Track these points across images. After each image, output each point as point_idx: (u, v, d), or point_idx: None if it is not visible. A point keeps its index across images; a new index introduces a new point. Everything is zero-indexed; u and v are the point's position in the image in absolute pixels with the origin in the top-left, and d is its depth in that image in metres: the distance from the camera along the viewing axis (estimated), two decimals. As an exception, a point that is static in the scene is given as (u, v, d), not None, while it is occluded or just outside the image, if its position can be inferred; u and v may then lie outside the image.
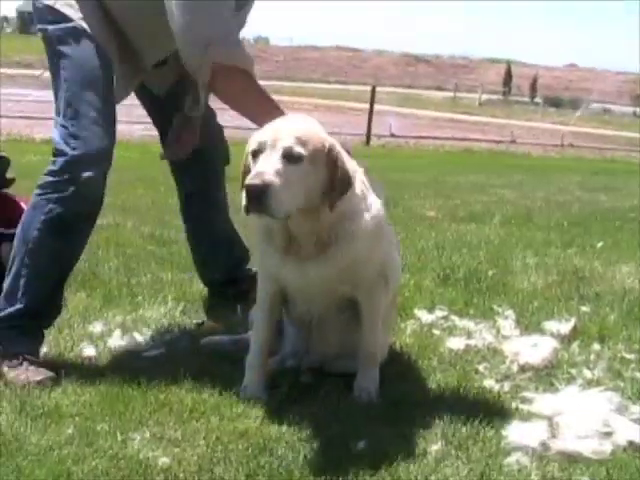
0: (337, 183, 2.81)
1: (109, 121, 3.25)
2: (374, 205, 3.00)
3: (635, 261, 5.80)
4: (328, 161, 2.81)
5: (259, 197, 2.64)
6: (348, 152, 3.02)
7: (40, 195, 3.21)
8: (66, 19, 3.22)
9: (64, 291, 3.44)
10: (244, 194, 2.68)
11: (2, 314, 3.24)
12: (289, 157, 2.72)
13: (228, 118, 4.44)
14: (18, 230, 3.29)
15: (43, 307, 3.29)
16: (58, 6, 3.23)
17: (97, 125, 3.19)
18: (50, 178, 3.19)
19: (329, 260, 2.92)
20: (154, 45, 3.43)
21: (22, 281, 3.22)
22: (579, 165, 17.76)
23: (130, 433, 2.72)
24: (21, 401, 2.92)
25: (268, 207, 2.66)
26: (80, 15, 3.22)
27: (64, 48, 3.23)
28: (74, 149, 3.15)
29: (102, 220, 5.69)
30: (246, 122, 3.18)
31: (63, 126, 3.19)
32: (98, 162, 3.20)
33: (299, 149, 2.74)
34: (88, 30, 3.22)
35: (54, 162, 3.20)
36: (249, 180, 2.67)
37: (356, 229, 2.92)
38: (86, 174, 3.15)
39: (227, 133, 4.09)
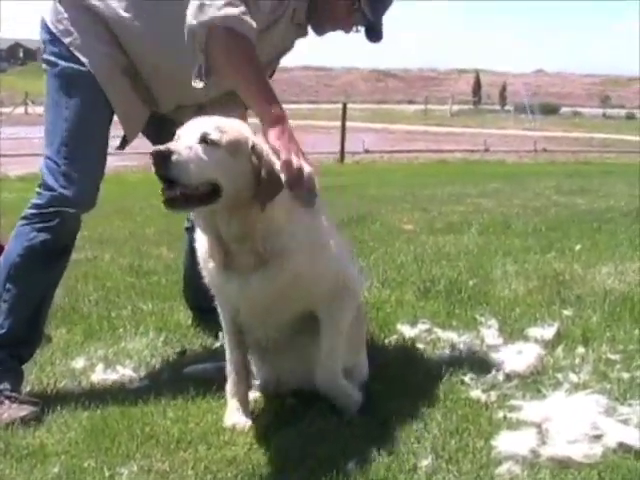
0: (263, 181, 2.76)
1: (101, 168, 3.34)
2: (313, 218, 2.96)
3: (614, 262, 5.82)
4: (252, 158, 2.78)
5: (163, 160, 2.61)
6: None
7: (24, 225, 3.27)
8: (79, 62, 3.26)
9: (45, 322, 3.43)
10: (151, 161, 2.65)
11: None
12: (205, 141, 2.72)
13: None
14: (1, 258, 3.34)
15: (25, 333, 3.29)
16: (72, 48, 3.26)
17: (90, 170, 3.28)
18: (35, 210, 3.26)
19: (269, 275, 2.86)
20: (172, 94, 3.44)
21: (4, 306, 3.25)
22: (553, 169, 17.89)
23: (117, 468, 2.69)
24: (5, 442, 2.89)
25: (171, 169, 2.62)
26: (92, 64, 3.25)
27: (71, 88, 3.27)
28: (64, 188, 3.21)
29: (80, 254, 5.71)
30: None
31: (55, 162, 3.24)
32: (84, 204, 3.30)
33: (216, 135, 2.73)
34: (97, 79, 3.26)
35: (40, 195, 3.26)
36: (154, 147, 2.66)
37: (293, 243, 2.86)
38: (72, 210, 3.25)
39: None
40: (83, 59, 3.25)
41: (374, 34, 3.48)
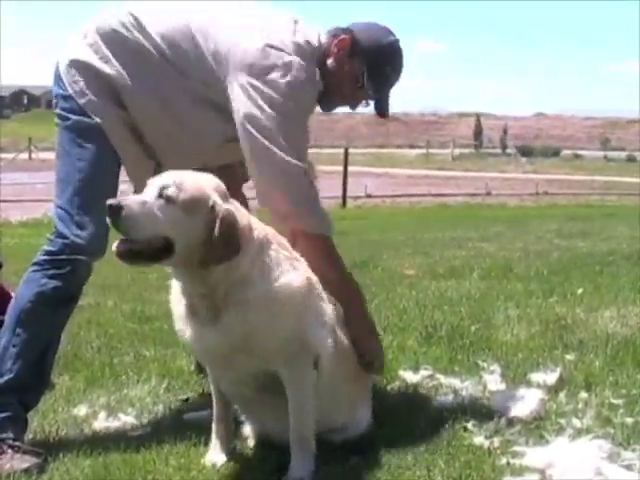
0: (216, 243, 2.76)
1: None
2: (282, 276, 2.92)
3: (616, 305, 5.82)
4: (208, 219, 2.78)
5: (115, 214, 2.70)
6: None
7: (36, 271, 3.32)
8: (90, 116, 3.34)
9: (51, 368, 3.44)
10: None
11: None
12: (161, 196, 2.76)
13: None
14: (11, 303, 3.38)
15: (32, 378, 3.30)
16: (83, 103, 3.34)
17: (101, 219, 3.23)
18: (48, 257, 3.31)
19: (222, 327, 2.86)
20: (172, 157, 3.49)
21: (13, 350, 3.27)
22: (555, 212, 17.90)
23: (120, 516, 2.68)
24: (6, 492, 2.88)
25: (120, 224, 2.71)
26: (104, 123, 3.33)
27: (84, 141, 3.34)
28: (77, 236, 3.28)
29: (83, 300, 5.67)
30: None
31: (67, 211, 3.31)
32: (96, 252, 3.34)
33: (173, 191, 2.76)
34: (107, 133, 3.34)
35: (52, 242, 3.32)
36: (108, 200, 2.73)
37: (249, 298, 2.86)
38: (83, 258, 3.30)
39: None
40: (96, 119, 3.33)
41: (380, 108, 3.55)
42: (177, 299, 3.00)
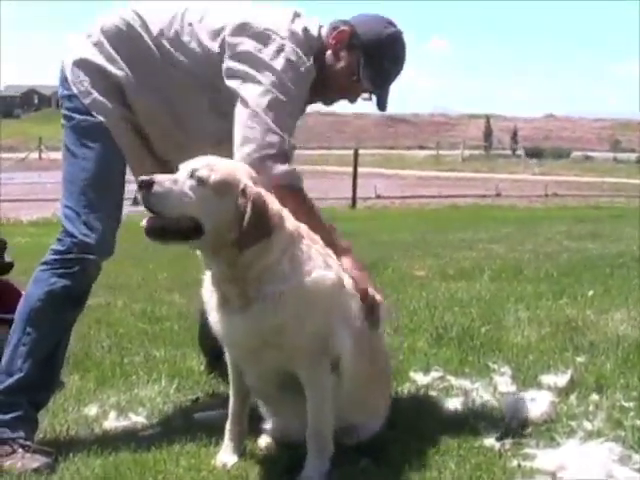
0: (247, 225, 2.77)
1: (118, 216, 3.43)
2: (314, 271, 2.93)
3: (627, 307, 5.82)
4: (239, 202, 2.79)
5: (146, 189, 2.72)
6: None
7: (45, 270, 3.33)
8: (94, 115, 3.35)
9: (61, 367, 3.44)
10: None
11: (1, 387, 3.26)
12: (192, 177, 2.78)
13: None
14: (20, 302, 3.38)
15: (42, 377, 3.31)
16: (87, 103, 3.35)
17: (109, 218, 3.37)
18: (57, 256, 3.32)
19: (252, 316, 2.86)
20: (175, 156, 3.50)
21: (23, 349, 3.28)
22: (564, 214, 17.86)
23: (130, 517, 2.68)
24: (17, 492, 2.88)
25: (151, 200, 2.73)
26: (108, 122, 3.34)
27: (89, 140, 3.35)
28: (85, 235, 3.29)
29: (92, 300, 5.67)
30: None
31: (75, 211, 3.32)
32: (105, 250, 3.37)
33: (204, 172, 2.78)
34: (112, 132, 3.35)
35: (61, 242, 3.33)
36: (141, 176, 2.76)
37: (283, 291, 2.86)
38: (92, 257, 3.31)
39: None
40: (101, 118, 3.34)
41: (379, 102, 3.55)
42: (209, 290, 3.00)
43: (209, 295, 3.01)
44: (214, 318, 3.00)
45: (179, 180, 2.77)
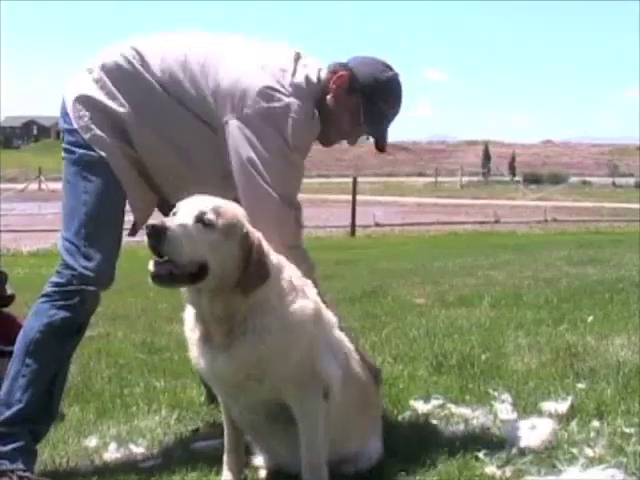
0: (251, 268, 2.83)
1: (118, 247, 3.45)
2: (296, 301, 2.96)
3: (627, 332, 5.81)
4: (243, 243, 2.85)
5: (158, 236, 2.71)
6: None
7: (44, 302, 3.34)
8: (95, 150, 3.37)
9: (60, 398, 3.44)
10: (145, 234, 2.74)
11: (0, 418, 3.26)
12: (200, 221, 2.80)
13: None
14: (20, 334, 3.39)
15: (42, 408, 3.31)
16: (88, 138, 3.37)
17: (108, 250, 3.39)
18: (56, 288, 3.34)
19: (236, 353, 2.88)
20: (175, 190, 3.53)
21: (22, 381, 3.29)
22: (564, 239, 17.85)
23: None
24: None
25: (163, 246, 2.72)
26: (108, 157, 3.37)
27: (89, 174, 3.37)
28: (84, 268, 3.31)
29: (93, 331, 5.72)
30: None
31: (74, 244, 3.34)
32: (104, 282, 3.38)
33: (212, 216, 2.81)
34: (112, 167, 3.37)
35: (60, 274, 3.35)
36: (150, 221, 2.78)
37: (267, 323, 2.89)
38: (91, 288, 3.32)
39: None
40: (102, 153, 3.36)
41: (378, 142, 3.63)
42: (191, 327, 3.02)
43: (191, 332, 3.03)
44: (196, 355, 3.02)
45: (188, 225, 2.77)
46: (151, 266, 2.77)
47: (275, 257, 2.99)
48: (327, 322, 3.13)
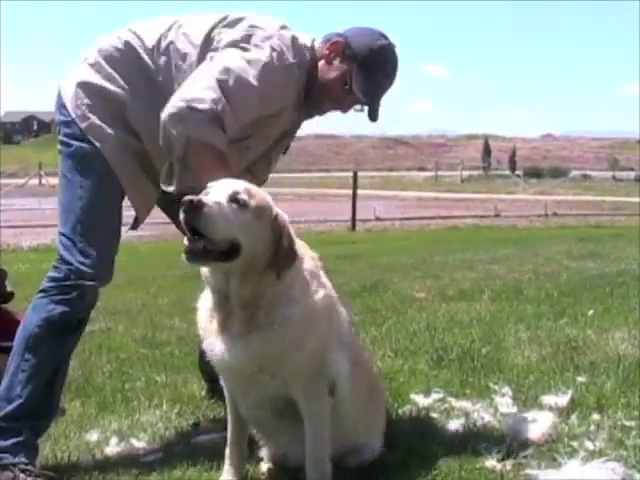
0: (282, 250, 2.84)
1: (116, 242, 3.43)
2: (318, 294, 2.98)
3: (627, 326, 5.82)
4: (274, 226, 2.86)
5: (195, 212, 2.70)
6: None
7: (42, 297, 3.34)
8: (91, 142, 3.36)
9: (60, 393, 3.45)
10: (180, 211, 2.72)
11: (1, 414, 3.26)
12: (234, 200, 2.79)
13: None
14: (19, 329, 3.39)
15: (42, 403, 3.31)
16: (87, 132, 3.36)
17: (105, 245, 3.38)
18: (54, 283, 3.33)
19: (255, 342, 2.87)
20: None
21: (22, 376, 3.29)
22: (564, 233, 17.84)
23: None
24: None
25: (200, 221, 2.70)
26: (104, 147, 3.35)
27: (85, 168, 3.36)
28: (81, 263, 3.30)
29: (94, 325, 5.72)
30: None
31: (71, 239, 3.33)
32: (102, 277, 3.37)
33: (245, 196, 2.81)
34: (108, 159, 3.36)
35: (58, 269, 3.34)
36: (186, 196, 2.71)
37: (291, 316, 2.89)
38: (89, 283, 3.31)
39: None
40: (96, 144, 3.35)
41: (370, 113, 3.58)
42: (207, 317, 3.00)
43: (207, 321, 3.01)
44: (211, 344, 2.99)
45: (222, 203, 2.77)
46: (186, 241, 2.76)
47: (298, 242, 2.99)
48: (340, 314, 3.14)
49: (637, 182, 60.51)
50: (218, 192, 2.81)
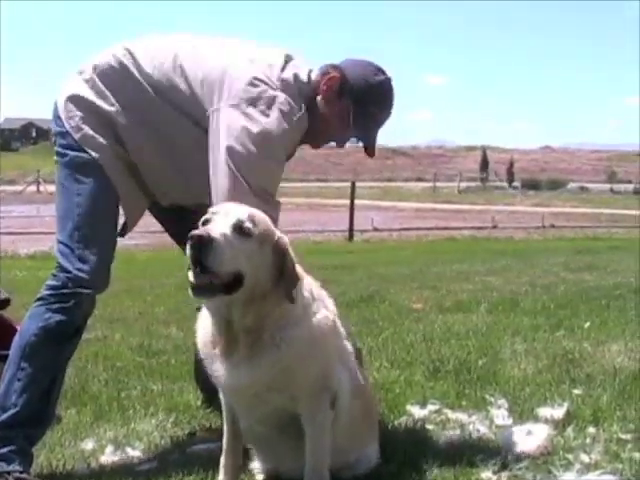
0: (287, 272, 2.81)
1: (112, 249, 3.44)
2: (320, 314, 2.96)
3: (624, 339, 5.82)
4: (276, 249, 2.83)
5: (204, 247, 2.63)
6: None
7: (40, 306, 3.34)
8: (87, 152, 3.37)
9: (56, 402, 3.43)
10: (188, 246, 2.66)
11: None
12: (239, 230, 2.75)
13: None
14: (15, 337, 3.38)
15: (37, 412, 3.30)
16: (82, 143, 3.37)
17: (102, 252, 3.38)
18: (51, 291, 3.33)
19: (261, 363, 2.85)
20: (166, 193, 3.57)
21: (17, 384, 3.28)
22: (562, 245, 17.87)
23: None
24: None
25: (208, 256, 2.64)
26: (99, 157, 3.36)
27: (82, 176, 3.37)
28: (79, 270, 3.30)
29: (90, 333, 5.72)
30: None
31: (68, 247, 3.33)
32: (99, 284, 3.38)
33: (249, 225, 2.77)
34: (104, 168, 3.37)
35: (55, 277, 3.34)
36: (194, 231, 2.67)
37: (297, 336, 2.87)
38: (86, 291, 3.32)
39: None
40: (93, 153, 3.36)
41: (367, 145, 3.58)
42: (208, 341, 2.97)
43: (209, 347, 2.97)
44: (216, 370, 2.96)
45: (227, 234, 2.71)
46: (191, 277, 2.70)
47: (297, 265, 2.97)
48: (341, 332, 3.14)
49: (635, 194, 60.65)
50: (222, 221, 2.76)
